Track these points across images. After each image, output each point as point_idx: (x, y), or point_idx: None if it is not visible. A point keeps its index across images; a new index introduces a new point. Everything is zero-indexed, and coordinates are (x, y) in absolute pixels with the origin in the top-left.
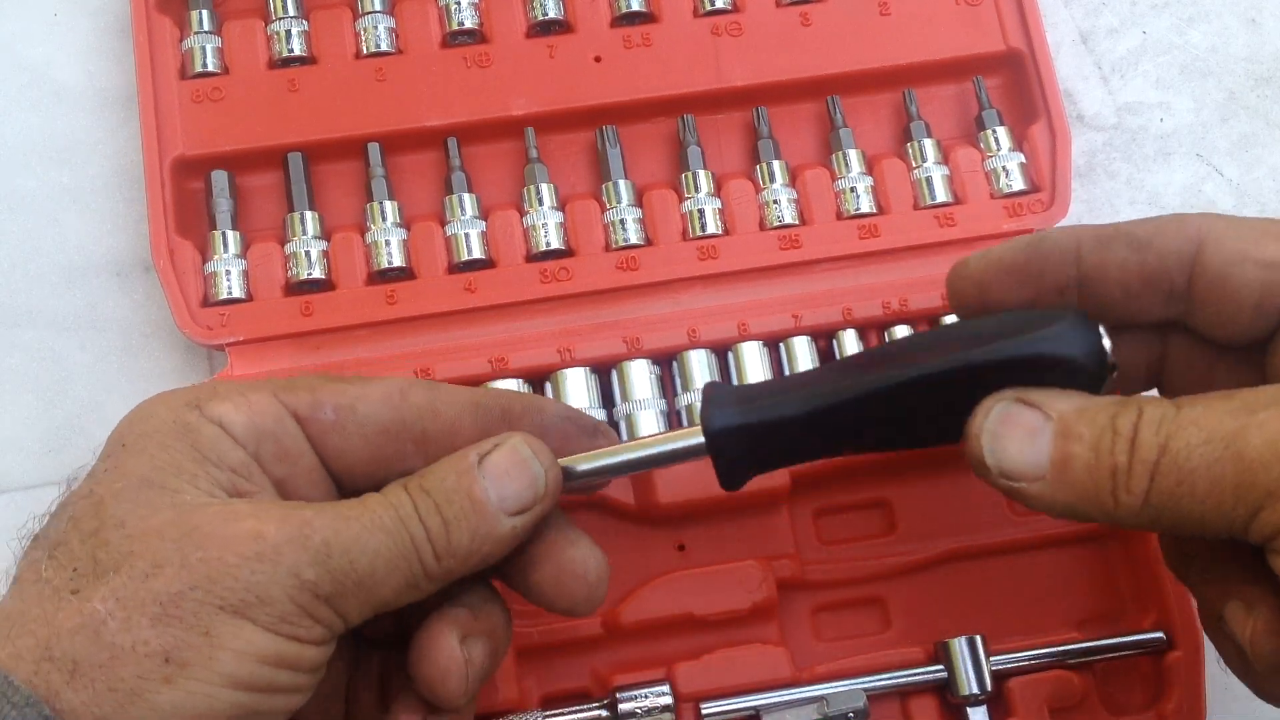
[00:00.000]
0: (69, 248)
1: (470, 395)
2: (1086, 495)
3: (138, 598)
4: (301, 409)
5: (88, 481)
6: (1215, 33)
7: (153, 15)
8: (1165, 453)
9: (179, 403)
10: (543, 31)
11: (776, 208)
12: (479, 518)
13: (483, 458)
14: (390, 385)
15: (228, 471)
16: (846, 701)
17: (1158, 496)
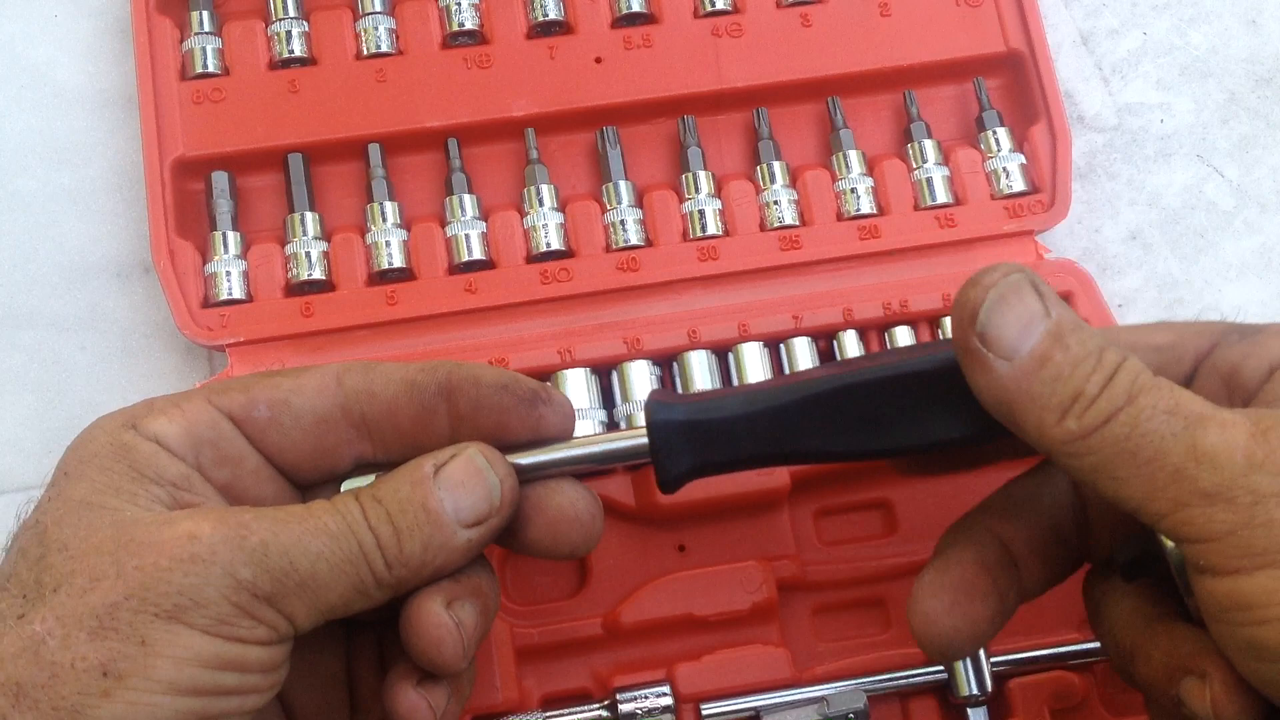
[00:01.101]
0: (69, 248)
1: (405, 373)
2: (1040, 397)
3: (75, 613)
4: (236, 410)
5: (34, 513)
6: (1216, 34)
7: (153, 16)
8: (1131, 403)
9: (115, 424)
10: (543, 32)
11: (777, 208)
12: (433, 528)
13: (439, 468)
14: (325, 373)
15: (167, 486)
16: (847, 702)
17: (1100, 441)
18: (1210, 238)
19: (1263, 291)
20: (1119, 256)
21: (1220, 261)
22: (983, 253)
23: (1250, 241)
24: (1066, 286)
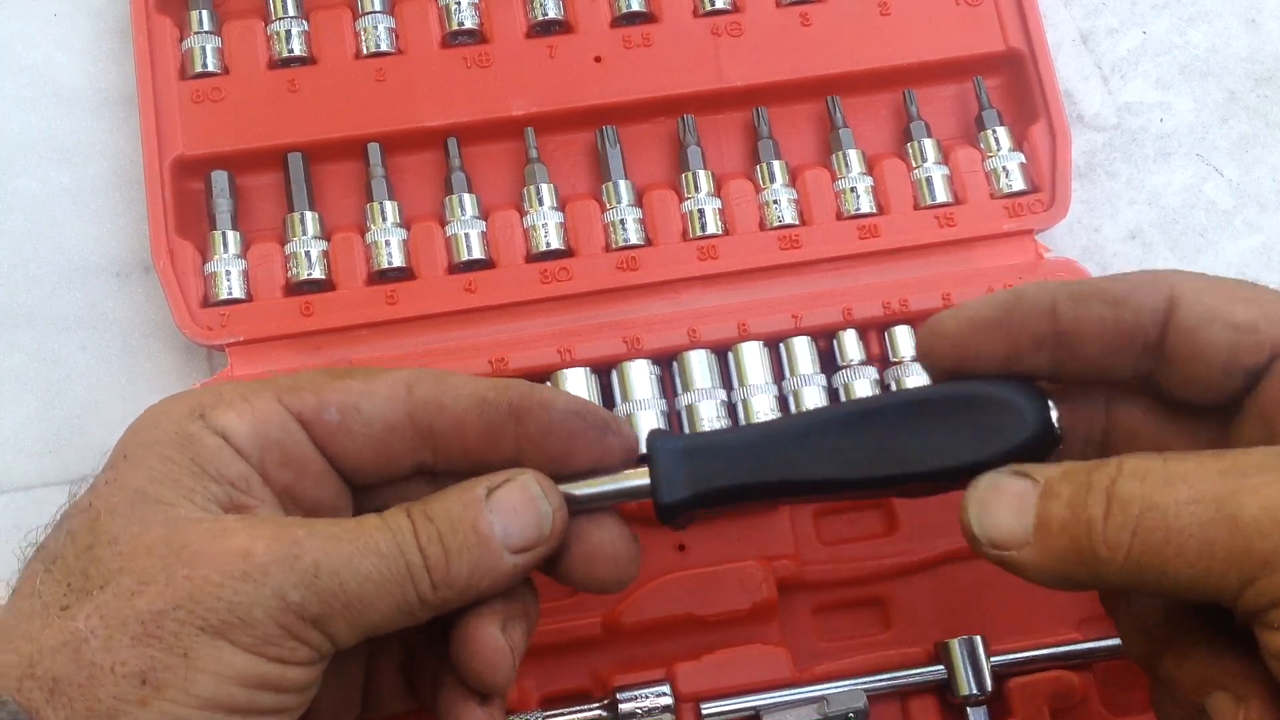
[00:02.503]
0: (69, 248)
1: (476, 390)
2: (1067, 555)
3: (120, 616)
4: (306, 412)
5: (88, 494)
6: (1215, 33)
7: (153, 15)
8: (1152, 508)
9: (183, 411)
10: (543, 32)
11: (776, 208)
12: (482, 551)
13: (491, 491)
14: (396, 380)
15: (226, 485)
16: (846, 701)
17: (1141, 554)
18: (1210, 237)
19: None
20: (1119, 256)
21: (1220, 261)
22: (983, 252)
23: (1250, 241)
24: None
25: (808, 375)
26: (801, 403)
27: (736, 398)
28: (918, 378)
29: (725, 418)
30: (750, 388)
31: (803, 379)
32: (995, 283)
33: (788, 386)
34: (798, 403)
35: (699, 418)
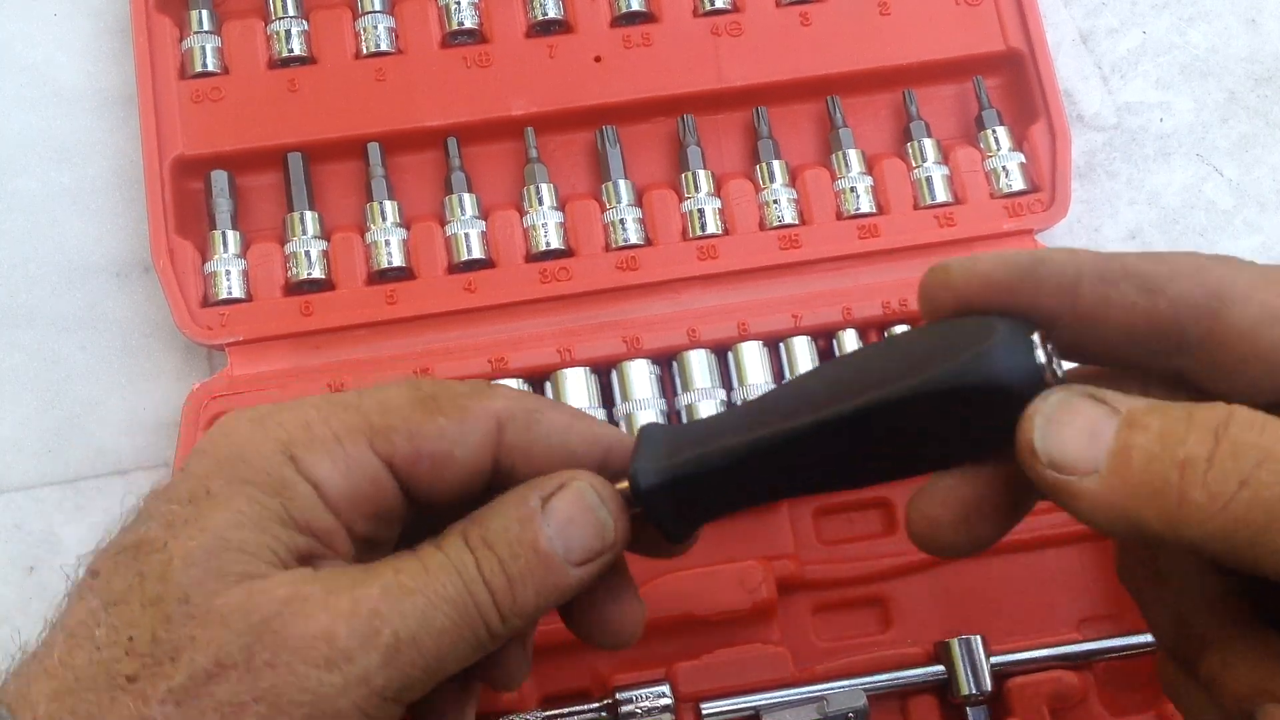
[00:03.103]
0: (68, 248)
1: (567, 440)
2: (1142, 493)
3: (199, 706)
4: (399, 462)
5: (163, 526)
6: (1215, 33)
7: (152, 15)
8: (1272, 460)
9: (272, 447)
10: (543, 31)
11: (776, 208)
12: (545, 571)
13: (546, 501)
14: (487, 421)
15: (310, 538)
16: (846, 701)
17: (1247, 510)
18: (1210, 237)
19: None
20: None
21: None
22: (983, 251)
23: (1250, 241)
24: None
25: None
26: None
27: (736, 397)
28: None
29: None
30: (750, 387)
31: None
32: None
33: None
34: None
35: (699, 417)
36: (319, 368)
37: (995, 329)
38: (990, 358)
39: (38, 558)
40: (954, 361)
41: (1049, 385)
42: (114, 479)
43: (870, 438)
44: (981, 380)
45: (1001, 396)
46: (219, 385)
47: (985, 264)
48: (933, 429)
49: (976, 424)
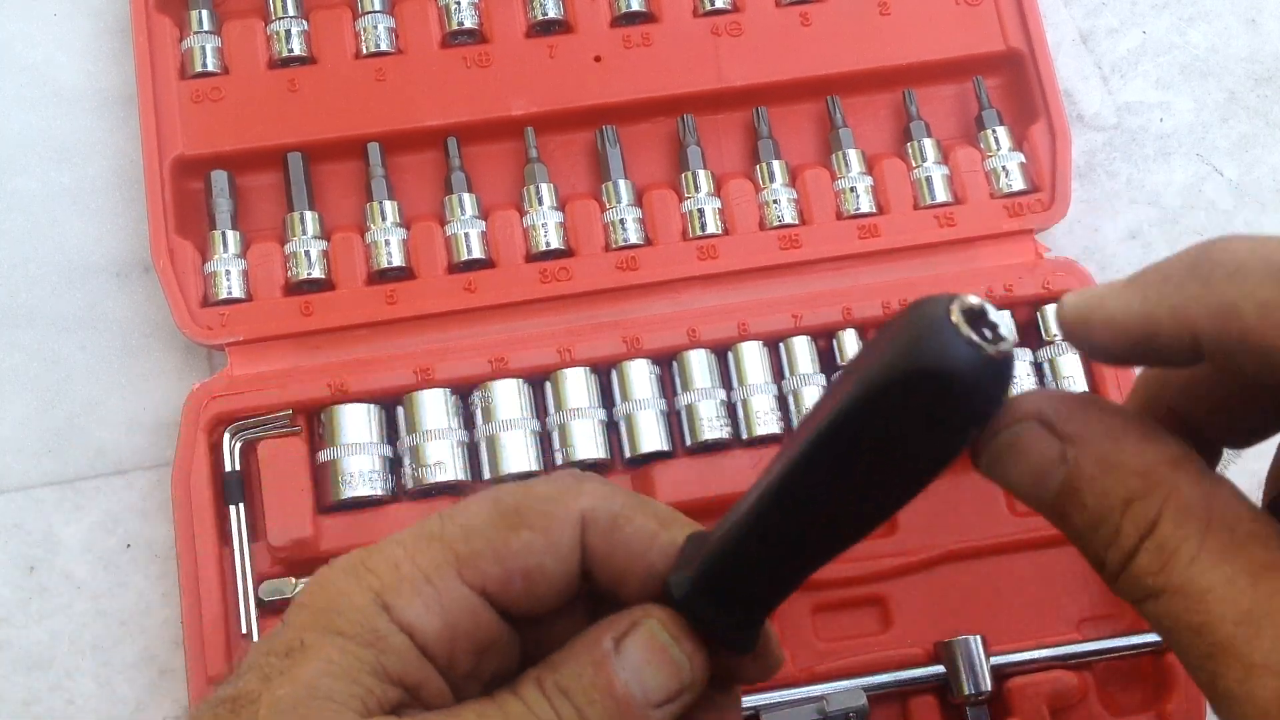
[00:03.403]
0: (68, 248)
1: (648, 553)
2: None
3: None
4: (491, 587)
5: (260, 680)
6: (1215, 33)
7: (152, 15)
8: (1164, 593)
9: (365, 597)
10: (543, 31)
11: (776, 208)
12: (624, 717)
13: (618, 642)
14: (574, 526)
15: (401, 689)
16: (846, 701)
17: (1153, 612)
18: (1210, 236)
19: None
20: (1118, 255)
21: None
22: (982, 251)
23: None
24: (1066, 285)
25: (807, 375)
26: (802, 402)
27: (736, 398)
28: None
29: (725, 417)
30: (750, 387)
31: (802, 379)
32: (995, 282)
33: (787, 386)
34: (798, 402)
35: (699, 418)
36: (319, 368)
37: (906, 318)
38: (910, 350)
39: (37, 558)
40: (876, 365)
41: (987, 358)
42: (114, 479)
43: (842, 464)
44: (903, 375)
45: (935, 384)
46: (219, 385)
47: (1105, 301)
48: (896, 433)
49: (937, 416)
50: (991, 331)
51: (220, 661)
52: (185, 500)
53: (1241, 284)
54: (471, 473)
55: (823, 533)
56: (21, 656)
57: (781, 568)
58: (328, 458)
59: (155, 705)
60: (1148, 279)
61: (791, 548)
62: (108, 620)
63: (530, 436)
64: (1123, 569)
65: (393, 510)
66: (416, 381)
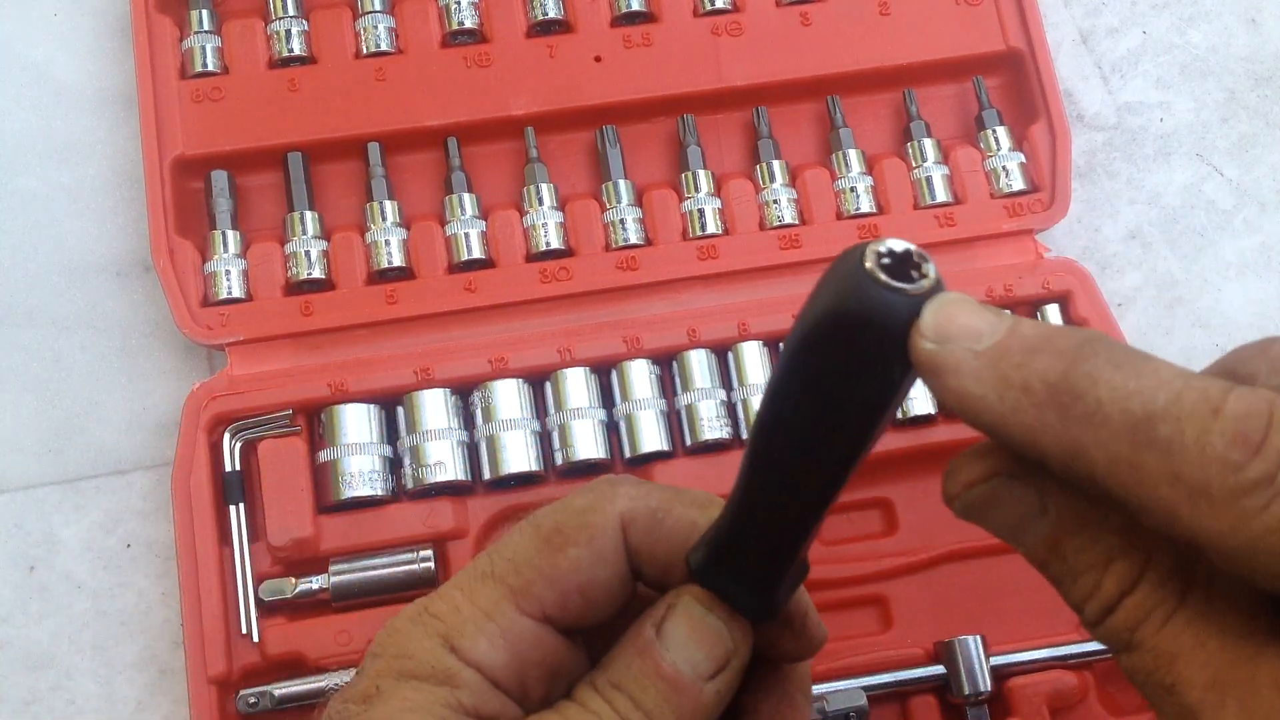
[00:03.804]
0: (69, 247)
1: (689, 538)
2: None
3: None
4: (551, 610)
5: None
6: (1215, 33)
7: (153, 15)
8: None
9: (433, 642)
10: (543, 31)
11: (776, 207)
12: (678, 694)
13: (659, 626)
14: (616, 533)
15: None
16: (846, 701)
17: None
18: (1210, 236)
19: (1262, 291)
20: (1118, 255)
21: (1220, 260)
22: (982, 251)
23: (1250, 240)
24: (1066, 285)
25: None
26: None
27: (736, 397)
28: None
29: (725, 417)
30: (750, 387)
31: None
32: (995, 282)
33: None
34: None
35: (699, 417)
36: (319, 367)
37: (831, 266)
38: (831, 296)
39: (38, 557)
40: (808, 314)
41: (906, 298)
42: (114, 479)
43: (794, 413)
44: (827, 319)
45: (854, 326)
46: (219, 385)
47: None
48: (834, 376)
49: (866, 357)
50: (917, 271)
51: (220, 661)
52: (185, 500)
53: (1096, 431)
54: (472, 473)
55: (797, 486)
56: (22, 656)
57: (774, 528)
58: (328, 458)
59: (155, 705)
60: (1009, 378)
61: (776, 506)
62: (108, 620)
63: (530, 436)
64: (1100, 621)
65: (393, 510)
66: (416, 381)
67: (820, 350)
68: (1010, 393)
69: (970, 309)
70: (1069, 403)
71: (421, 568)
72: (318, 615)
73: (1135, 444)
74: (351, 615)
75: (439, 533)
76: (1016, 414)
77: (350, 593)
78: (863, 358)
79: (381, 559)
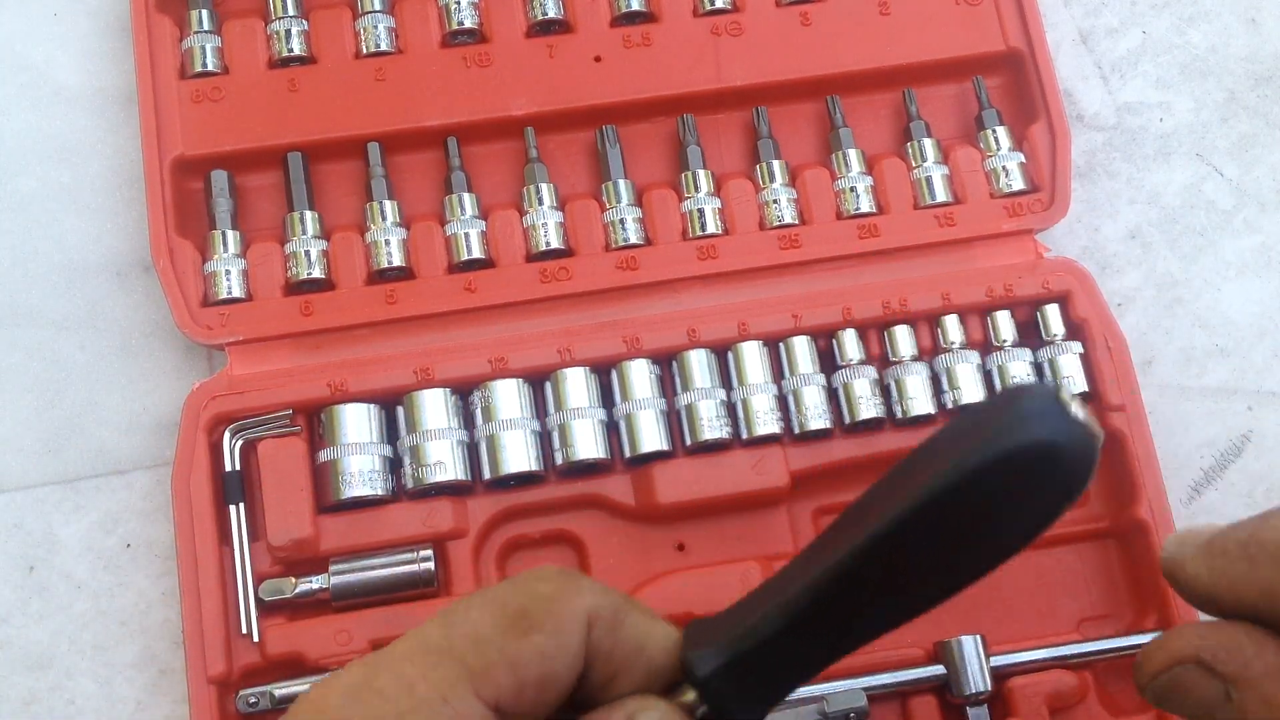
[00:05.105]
0: (69, 247)
1: (646, 645)
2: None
3: None
4: (504, 699)
5: None
6: (1215, 32)
7: (153, 15)
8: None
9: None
10: (542, 31)
11: (776, 207)
12: None
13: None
14: (582, 626)
15: None
16: (846, 701)
17: None
18: (1210, 236)
19: (1262, 291)
20: (1118, 255)
21: (1219, 260)
22: (982, 251)
23: (1250, 240)
24: (1066, 285)
25: (807, 375)
26: (802, 402)
27: (736, 397)
28: (917, 378)
29: (725, 417)
30: (750, 387)
31: (802, 379)
32: (995, 282)
33: (787, 386)
34: (798, 402)
35: (699, 417)
36: (319, 367)
37: (1021, 395)
38: (1032, 422)
39: (37, 558)
40: (993, 435)
41: (1095, 439)
42: (113, 479)
43: (924, 539)
44: (1032, 443)
45: (1053, 458)
46: (219, 385)
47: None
48: (986, 514)
49: (1032, 496)
50: (1085, 413)
51: (220, 661)
52: (185, 500)
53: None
54: (471, 473)
55: (887, 609)
56: (21, 656)
57: (828, 644)
58: (328, 457)
59: (155, 705)
60: (1214, 551)
61: (848, 624)
62: (108, 620)
63: (530, 436)
64: None
65: (393, 510)
66: (416, 381)
67: (1001, 476)
68: (1216, 560)
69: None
70: (1256, 551)
71: (421, 568)
72: (318, 615)
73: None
74: (351, 615)
75: (439, 533)
76: (1223, 576)
77: (350, 593)
78: (1047, 490)
79: (381, 559)
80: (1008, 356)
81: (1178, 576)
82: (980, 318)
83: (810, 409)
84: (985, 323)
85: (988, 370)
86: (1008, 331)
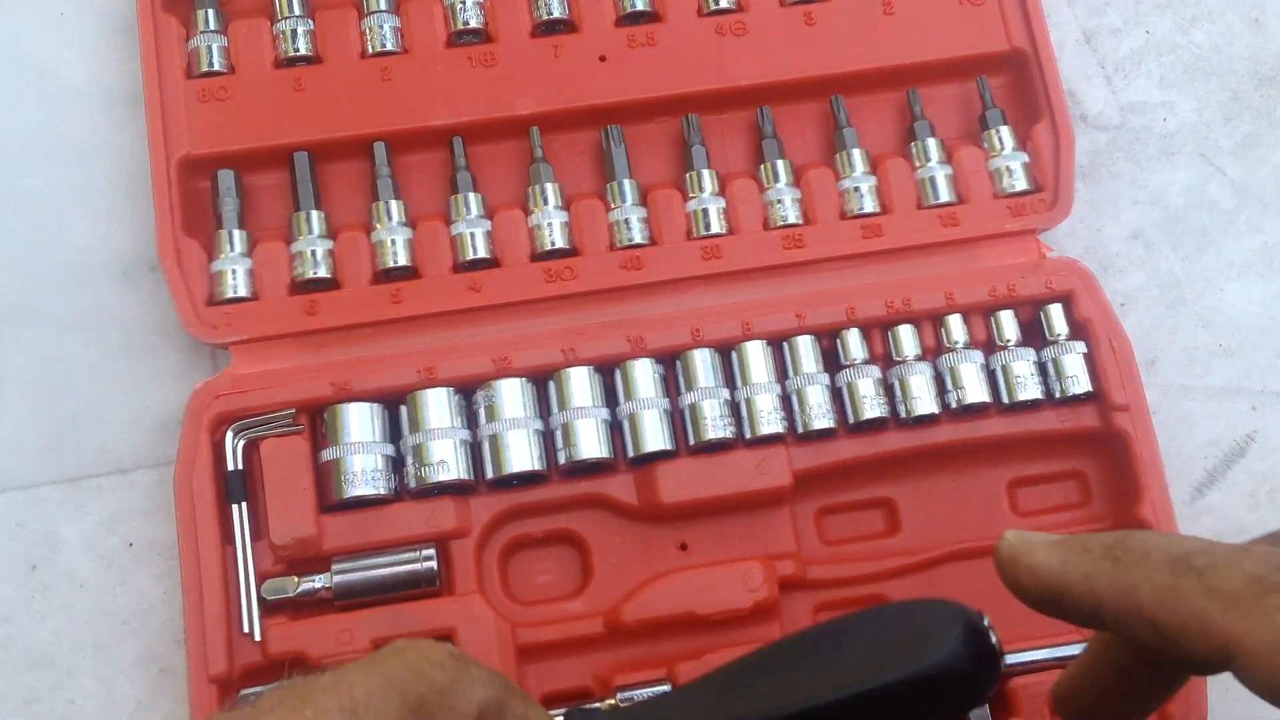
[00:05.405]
0: (75, 246)
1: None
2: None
3: None
4: None
5: None
6: (1219, 32)
7: (159, 14)
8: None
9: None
10: (548, 31)
11: (780, 207)
12: None
13: None
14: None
15: None
16: None
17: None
18: (1212, 237)
19: (1265, 291)
20: (1121, 255)
21: (1222, 261)
22: (986, 251)
23: (1252, 241)
24: (1069, 285)
25: (811, 374)
26: (805, 402)
27: (740, 397)
28: (920, 377)
29: (729, 417)
30: (754, 386)
31: (806, 378)
32: (998, 282)
33: (791, 385)
34: (801, 402)
35: (702, 417)
36: (322, 366)
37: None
38: (957, 649)
39: (40, 557)
40: (922, 655)
41: (1000, 653)
42: (116, 478)
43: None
44: (947, 670)
45: (968, 684)
46: (222, 384)
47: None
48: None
49: (958, 702)
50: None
51: (222, 660)
52: (188, 499)
53: (1143, 569)
54: (474, 472)
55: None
56: (23, 655)
57: None
58: (330, 457)
59: (157, 704)
60: (1071, 546)
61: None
62: (110, 619)
63: (533, 436)
64: None
65: (395, 509)
66: (420, 380)
67: (928, 691)
68: (1072, 555)
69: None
70: (1120, 554)
71: (424, 567)
72: (320, 614)
73: (1175, 571)
74: (354, 615)
75: (441, 532)
76: (1078, 568)
77: (353, 592)
78: (960, 700)
79: (384, 558)
80: (1011, 356)
81: (1023, 562)
82: (984, 317)
83: (814, 409)
84: (989, 322)
85: (991, 370)
86: (1011, 331)
